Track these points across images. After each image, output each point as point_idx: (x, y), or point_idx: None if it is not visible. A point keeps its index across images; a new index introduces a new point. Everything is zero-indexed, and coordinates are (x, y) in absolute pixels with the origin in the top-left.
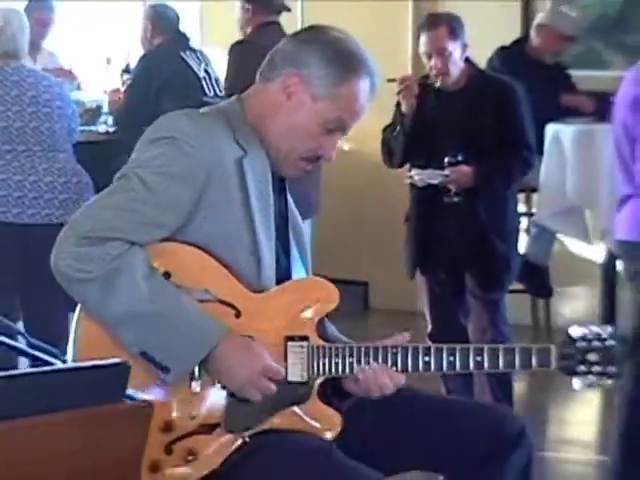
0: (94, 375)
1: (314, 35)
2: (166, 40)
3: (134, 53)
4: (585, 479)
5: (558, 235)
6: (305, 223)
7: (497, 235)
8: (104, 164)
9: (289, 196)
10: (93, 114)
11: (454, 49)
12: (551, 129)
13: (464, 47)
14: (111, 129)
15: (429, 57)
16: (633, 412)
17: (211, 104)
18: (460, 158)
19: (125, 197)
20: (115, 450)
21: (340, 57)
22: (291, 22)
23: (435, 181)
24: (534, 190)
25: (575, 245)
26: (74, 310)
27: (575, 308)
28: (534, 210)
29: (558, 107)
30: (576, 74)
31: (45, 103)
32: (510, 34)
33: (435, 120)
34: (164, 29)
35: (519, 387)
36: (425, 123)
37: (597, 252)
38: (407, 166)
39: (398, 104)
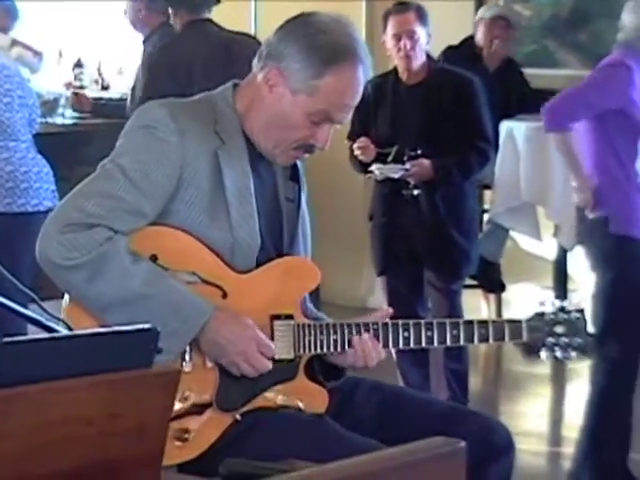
0: (124, 340)
1: (297, 26)
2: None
3: (85, 47)
4: (538, 470)
5: (511, 232)
6: None
7: (456, 227)
8: (63, 155)
9: (303, 181)
10: (51, 106)
11: (421, 35)
12: (505, 126)
13: (429, 37)
14: (68, 121)
15: (398, 39)
16: (604, 404)
17: None
18: (420, 152)
19: (106, 185)
20: (142, 415)
21: (319, 49)
22: (246, 21)
23: (396, 175)
24: (487, 187)
25: (527, 242)
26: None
27: (526, 304)
28: (486, 206)
29: (508, 105)
30: (529, 72)
31: (6, 93)
32: (462, 32)
33: (394, 114)
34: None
35: (472, 382)
36: (384, 117)
37: (548, 248)
38: None
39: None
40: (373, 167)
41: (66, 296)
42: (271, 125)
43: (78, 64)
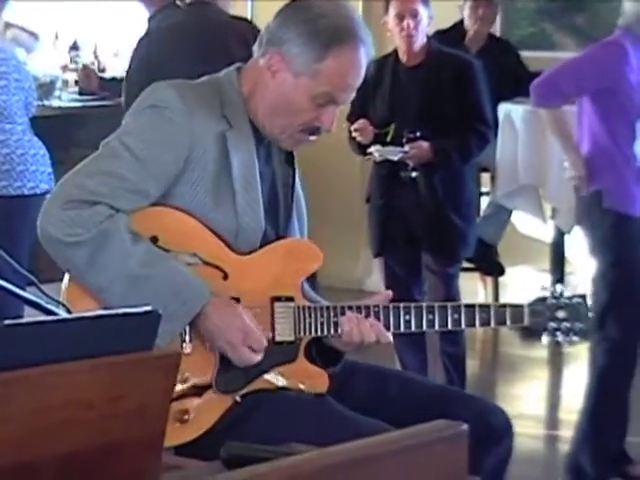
0: (125, 322)
1: (295, 11)
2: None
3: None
4: (536, 453)
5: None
6: None
7: (454, 209)
8: (59, 138)
9: (296, 167)
10: (47, 89)
11: (424, 15)
12: (503, 108)
13: (430, 19)
14: (64, 104)
15: (401, 19)
16: (603, 385)
17: None
18: (419, 134)
19: (111, 163)
20: (144, 397)
21: (320, 32)
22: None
23: (395, 157)
24: (485, 170)
25: (524, 224)
26: None
27: (523, 287)
28: (484, 189)
29: (498, 87)
30: (526, 55)
31: (2, 76)
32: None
33: (393, 96)
34: None
35: (469, 365)
36: (383, 99)
37: (545, 231)
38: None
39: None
40: (372, 149)
41: (66, 278)
42: (276, 110)
43: (74, 46)
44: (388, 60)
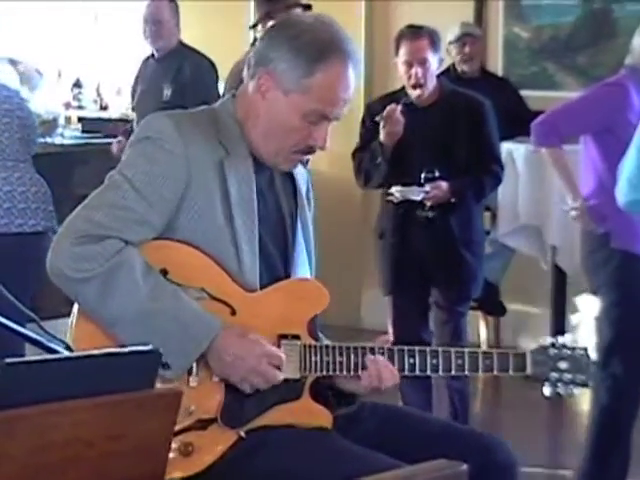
0: (126, 361)
1: (281, 30)
2: None
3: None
4: None
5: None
6: None
7: (466, 248)
8: (61, 176)
9: (311, 197)
10: (50, 126)
11: (433, 62)
12: (504, 148)
13: (440, 61)
14: (67, 141)
15: (409, 66)
16: (606, 424)
17: None
18: (437, 174)
19: (114, 196)
20: (144, 436)
21: (306, 47)
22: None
23: (418, 197)
24: (487, 209)
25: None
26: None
27: (524, 326)
28: (486, 228)
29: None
30: (528, 94)
31: (5, 113)
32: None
33: (408, 136)
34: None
35: (471, 403)
36: (398, 140)
37: (547, 270)
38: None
39: (363, 121)
40: (392, 189)
41: (74, 311)
42: (269, 132)
43: (77, 84)
44: (398, 97)
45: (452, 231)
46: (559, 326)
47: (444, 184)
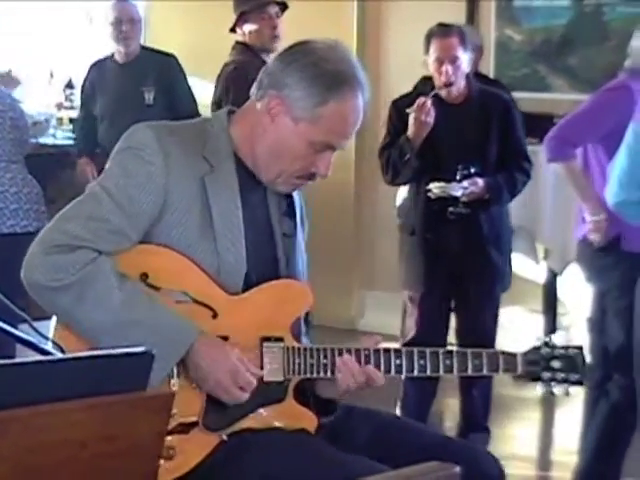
0: (118, 363)
1: (297, 54)
2: None
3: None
4: None
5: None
6: None
7: (494, 245)
8: (53, 176)
9: (297, 208)
10: (42, 127)
11: (463, 59)
12: None
13: (470, 61)
14: (59, 142)
15: (440, 63)
16: (616, 419)
17: None
18: (472, 170)
19: (91, 207)
20: (137, 437)
21: (320, 78)
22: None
23: (458, 193)
24: None
25: (516, 265)
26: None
27: (515, 327)
28: None
29: None
30: (520, 96)
31: None
32: None
33: (439, 131)
34: None
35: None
36: (429, 136)
37: (538, 272)
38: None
39: (390, 118)
40: (430, 185)
41: (53, 320)
42: (273, 154)
43: (69, 85)
44: (426, 93)
45: (481, 228)
46: (550, 327)
47: (480, 180)
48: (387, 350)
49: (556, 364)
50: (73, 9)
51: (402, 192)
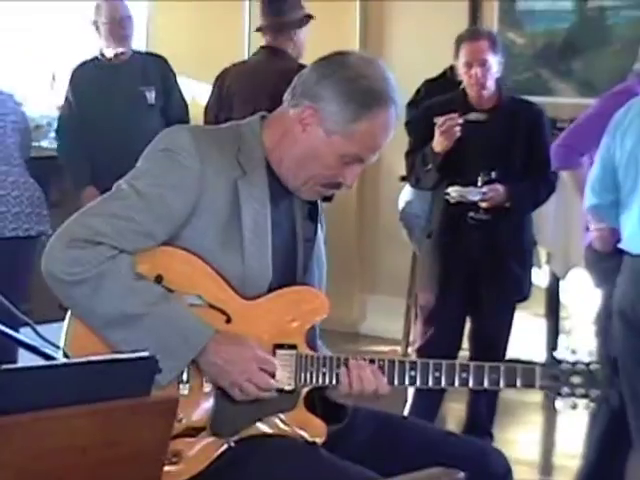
0: (122, 368)
1: (334, 67)
2: None
3: None
4: None
5: None
6: None
7: (513, 256)
8: (55, 180)
9: (322, 219)
10: (44, 130)
11: (493, 63)
12: None
13: (500, 65)
14: None
15: (469, 67)
16: (618, 423)
17: None
18: (494, 176)
19: (118, 205)
20: (140, 442)
21: (356, 94)
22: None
23: (476, 198)
24: None
25: None
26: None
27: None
28: None
29: None
30: None
31: None
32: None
33: (467, 138)
34: None
35: (462, 410)
36: (456, 141)
37: (541, 276)
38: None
39: (419, 121)
40: (449, 189)
41: (67, 316)
42: (302, 163)
43: None
44: (455, 99)
45: (500, 237)
46: (553, 331)
47: (501, 187)
48: (402, 361)
49: (576, 379)
50: (76, 12)
51: (404, 195)
